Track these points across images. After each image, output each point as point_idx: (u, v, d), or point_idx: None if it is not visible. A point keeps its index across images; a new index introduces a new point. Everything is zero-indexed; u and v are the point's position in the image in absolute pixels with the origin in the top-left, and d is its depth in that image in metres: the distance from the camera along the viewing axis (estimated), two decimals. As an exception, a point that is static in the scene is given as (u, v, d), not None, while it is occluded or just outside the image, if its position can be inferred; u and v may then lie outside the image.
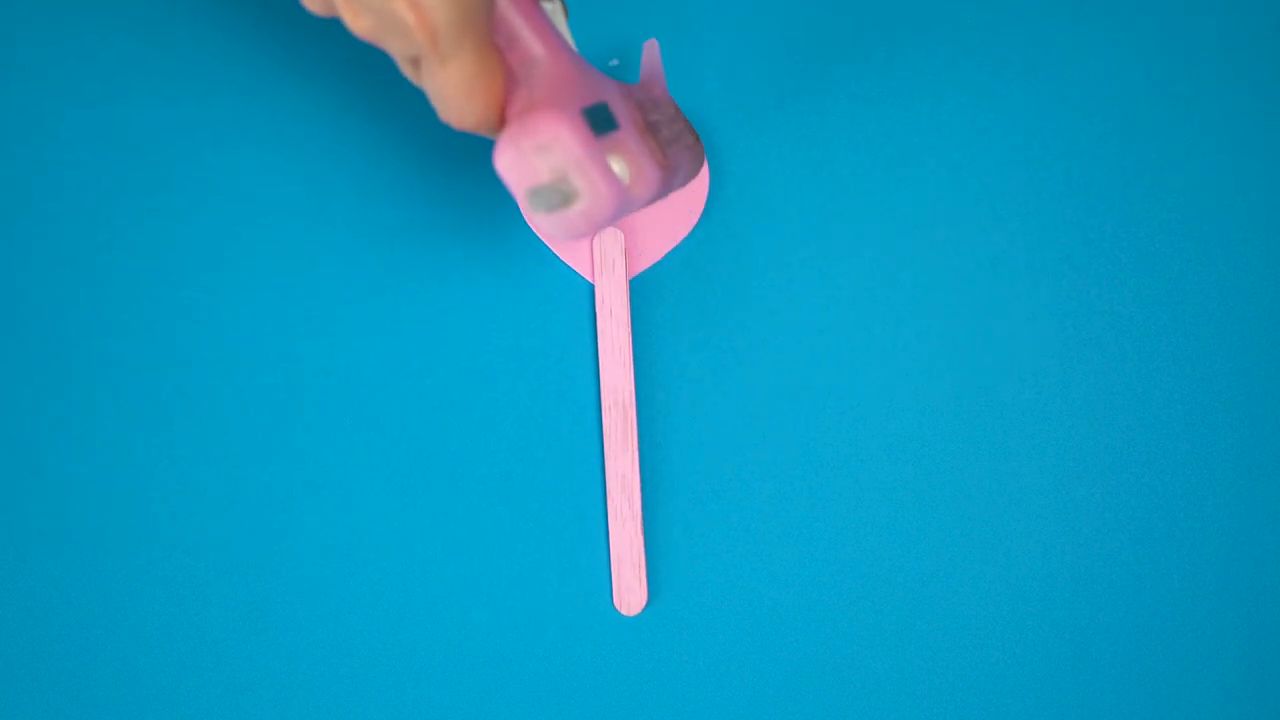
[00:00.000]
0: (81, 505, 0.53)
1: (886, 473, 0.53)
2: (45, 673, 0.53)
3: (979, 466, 0.53)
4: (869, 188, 0.54)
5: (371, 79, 0.54)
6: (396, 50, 0.40)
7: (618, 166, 0.41)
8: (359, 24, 0.40)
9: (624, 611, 0.52)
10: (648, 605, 0.53)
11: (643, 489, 0.53)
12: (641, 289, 0.53)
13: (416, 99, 0.54)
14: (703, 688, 0.53)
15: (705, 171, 0.53)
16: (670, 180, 0.43)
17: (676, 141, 0.45)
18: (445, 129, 0.54)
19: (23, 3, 0.54)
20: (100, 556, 0.53)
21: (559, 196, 0.40)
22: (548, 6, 0.45)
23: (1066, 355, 0.54)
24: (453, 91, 0.41)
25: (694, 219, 0.53)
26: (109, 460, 0.53)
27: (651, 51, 0.46)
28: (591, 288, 0.53)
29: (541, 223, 0.40)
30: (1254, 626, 0.53)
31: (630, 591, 0.52)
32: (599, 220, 0.40)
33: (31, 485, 0.53)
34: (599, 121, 0.40)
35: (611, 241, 0.52)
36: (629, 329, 0.53)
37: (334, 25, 0.54)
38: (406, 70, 0.43)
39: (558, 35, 0.41)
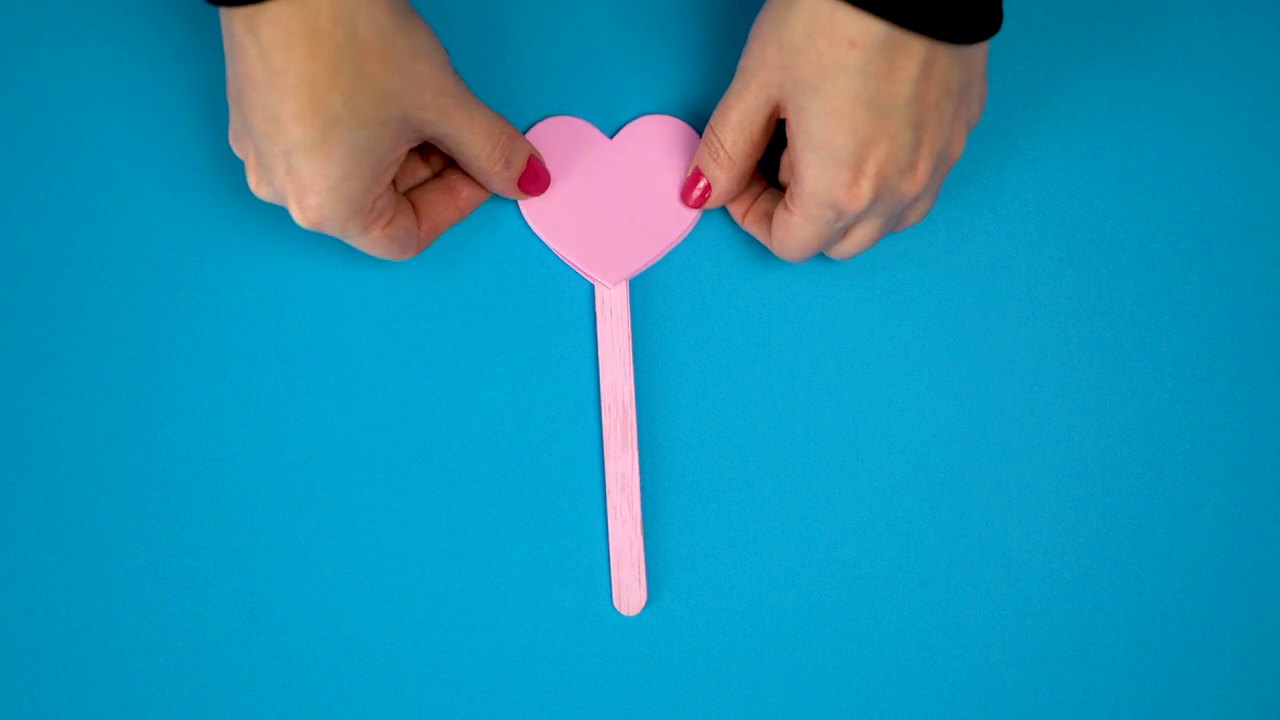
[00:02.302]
0: (81, 505, 0.53)
1: (886, 472, 0.53)
2: (45, 673, 0.53)
3: (979, 466, 0.53)
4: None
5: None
6: None
7: None
8: (258, 191, 0.47)
9: (623, 611, 0.52)
10: (647, 605, 0.53)
11: (642, 489, 0.53)
12: (641, 289, 0.53)
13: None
14: (702, 688, 0.53)
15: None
16: None
17: None
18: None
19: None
20: (101, 557, 0.53)
21: None
22: None
23: (1068, 355, 0.53)
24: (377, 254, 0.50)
25: (694, 219, 0.53)
26: (109, 461, 0.53)
27: None
28: (591, 288, 0.53)
29: None
30: (1254, 626, 0.53)
31: (630, 591, 0.52)
32: None
33: (31, 485, 0.53)
34: None
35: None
36: (629, 329, 0.53)
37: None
38: None
39: None
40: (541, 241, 0.53)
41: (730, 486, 0.53)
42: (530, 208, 0.53)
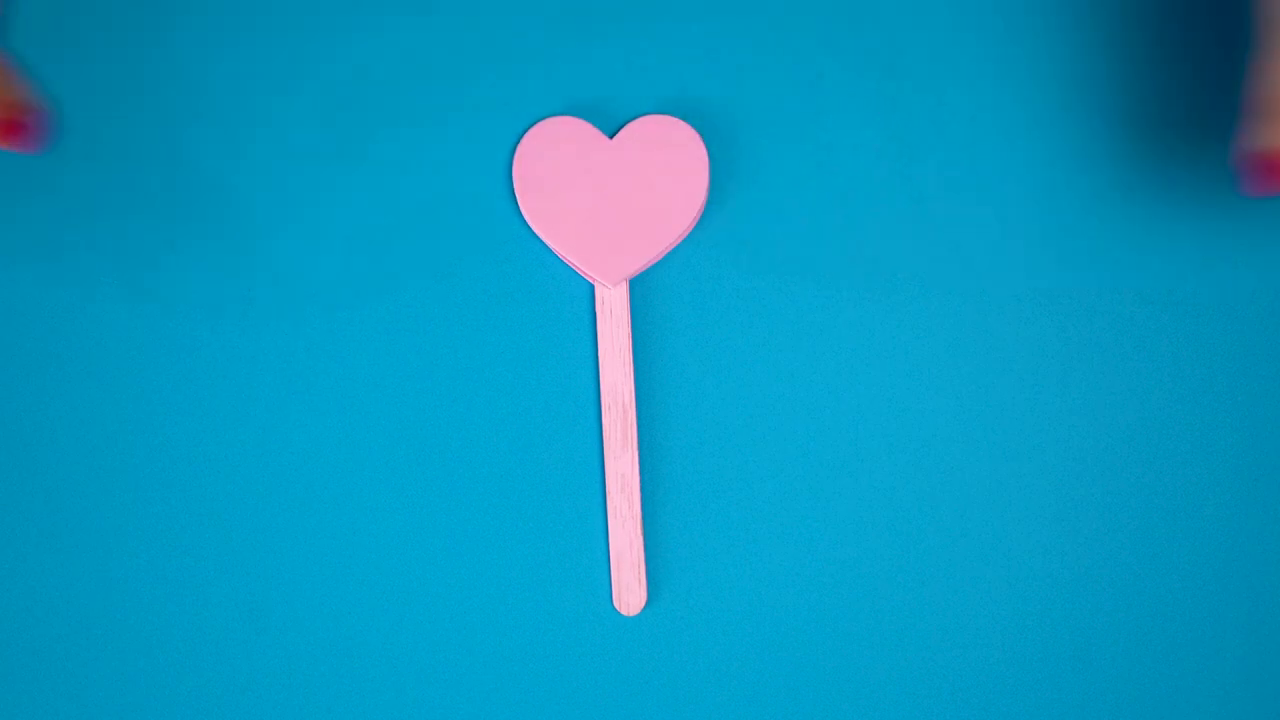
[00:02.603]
0: (81, 505, 0.53)
1: (887, 473, 0.53)
2: (45, 673, 0.53)
3: (979, 467, 0.53)
4: (870, 187, 0.54)
5: (368, 82, 0.54)
6: None
7: None
8: None
9: (623, 611, 0.52)
10: (647, 605, 0.53)
11: (642, 489, 0.53)
12: (641, 289, 0.53)
13: (413, 102, 0.54)
14: (702, 688, 0.53)
15: (705, 171, 0.53)
16: None
17: None
18: (443, 130, 0.54)
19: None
20: (101, 556, 0.53)
21: None
22: None
23: (1068, 355, 0.53)
24: None
25: (694, 219, 0.53)
26: (109, 461, 0.53)
27: None
28: (591, 288, 0.53)
29: None
30: (1254, 626, 0.53)
31: (629, 591, 0.52)
32: None
33: (31, 485, 0.53)
34: None
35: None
36: (629, 329, 0.53)
37: (335, 39, 0.54)
38: None
39: None
40: (541, 241, 0.53)
41: (730, 486, 0.53)
42: (530, 208, 0.53)
